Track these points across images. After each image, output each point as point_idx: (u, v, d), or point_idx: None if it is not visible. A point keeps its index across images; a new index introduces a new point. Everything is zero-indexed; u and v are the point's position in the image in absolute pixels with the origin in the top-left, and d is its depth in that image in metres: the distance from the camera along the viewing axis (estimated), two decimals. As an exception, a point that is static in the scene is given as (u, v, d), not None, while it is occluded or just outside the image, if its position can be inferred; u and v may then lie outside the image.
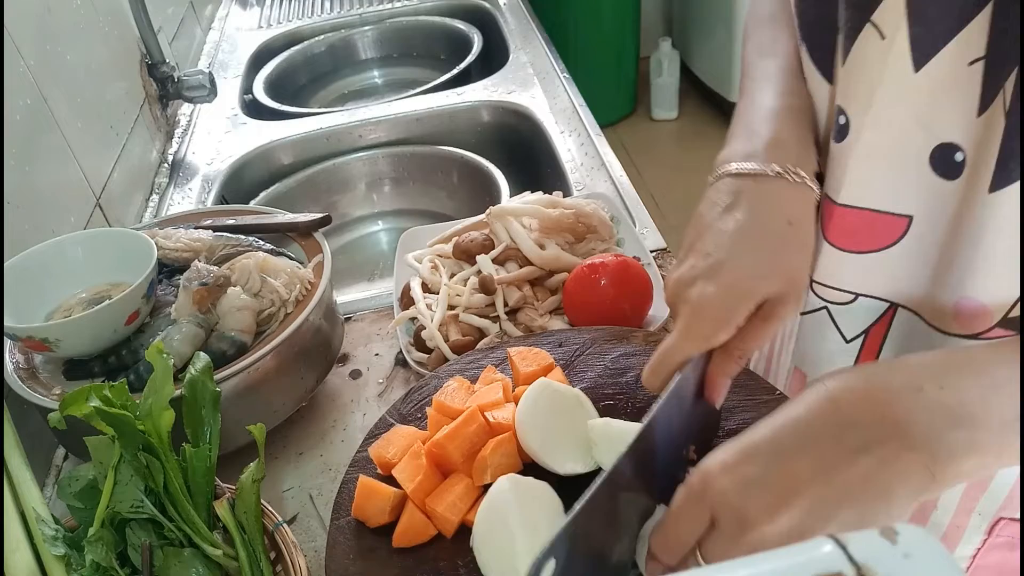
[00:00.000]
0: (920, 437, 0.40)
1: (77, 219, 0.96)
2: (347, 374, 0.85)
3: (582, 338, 0.72)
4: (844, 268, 0.60)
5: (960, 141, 0.50)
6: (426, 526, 0.57)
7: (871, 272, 0.59)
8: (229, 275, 0.76)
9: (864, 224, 0.57)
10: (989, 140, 0.48)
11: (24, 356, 0.74)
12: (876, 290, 0.60)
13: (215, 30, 1.83)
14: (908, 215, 0.55)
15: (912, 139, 0.52)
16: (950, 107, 0.49)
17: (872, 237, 0.57)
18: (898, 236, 0.56)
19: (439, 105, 1.36)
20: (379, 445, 0.62)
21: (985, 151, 0.48)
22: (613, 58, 3.13)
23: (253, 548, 0.58)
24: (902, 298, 0.59)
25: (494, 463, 0.58)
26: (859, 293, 0.61)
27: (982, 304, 0.53)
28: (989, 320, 0.54)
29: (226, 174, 1.27)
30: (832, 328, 0.64)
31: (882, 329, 0.62)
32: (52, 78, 0.97)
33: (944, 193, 0.52)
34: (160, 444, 0.58)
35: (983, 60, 0.46)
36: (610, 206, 0.94)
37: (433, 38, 1.73)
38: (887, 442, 0.41)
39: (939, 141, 0.51)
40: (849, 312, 0.62)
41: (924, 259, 0.56)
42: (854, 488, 0.40)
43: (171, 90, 1.35)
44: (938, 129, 0.50)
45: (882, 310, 0.61)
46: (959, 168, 0.50)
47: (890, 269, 0.58)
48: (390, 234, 1.34)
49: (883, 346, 0.63)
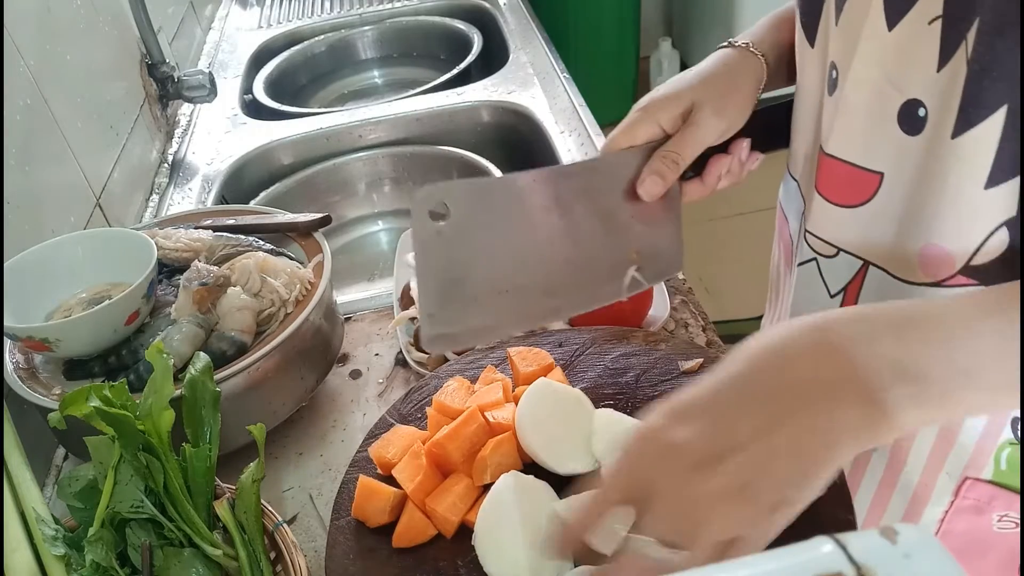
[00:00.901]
0: (868, 391, 0.40)
1: (77, 219, 0.96)
2: (347, 374, 0.85)
3: (582, 338, 0.72)
4: (829, 220, 0.63)
5: (922, 96, 0.52)
6: (426, 526, 0.57)
7: (849, 227, 0.62)
8: (229, 275, 0.76)
9: (846, 177, 0.60)
10: (950, 91, 0.50)
11: (24, 356, 0.74)
12: (852, 246, 0.63)
13: (215, 30, 1.83)
14: (880, 172, 0.58)
15: (883, 96, 0.54)
16: (914, 64, 0.52)
17: (852, 191, 0.60)
18: (871, 193, 0.59)
19: (439, 105, 1.36)
20: (379, 445, 0.62)
21: (946, 102, 0.51)
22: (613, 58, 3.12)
23: (253, 548, 0.58)
24: (872, 255, 0.61)
25: (494, 463, 0.58)
26: (840, 248, 0.64)
27: (945, 251, 0.55)
28: (952, 267, 0.56)
29: (226, 174, 1.27)
30: (819, 281, 0.67)
31: (856, 286, 0.64)
32: (52, 78, 0.97)
33: (909, 149, 0.54)
34: (160, 444, 0.58)
35: (940, 19, 0.49)
36: (610, 206, 0.93)
37: (433, 38, 1.73)
38: (834, 397, 0.40)
39: (905, 98, 0.53)
40: (832, 266, 0.65)
41: (893, 215, 0.58)
42: (801, 444, 0.40)
43: (171, 90, 1.35)
44: (905, 86, 0.53)
45: (857, 267, 0.63)
46: (922, 123, 0.53)
47: (863, 226, 0.60)
48: (390, 234, 1.34)
49: (857, 303, 0.64)
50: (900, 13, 0.51)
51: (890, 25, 0.52)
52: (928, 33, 0.50)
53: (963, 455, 0.63)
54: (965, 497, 0.65)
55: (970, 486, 0.64)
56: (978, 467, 0.63)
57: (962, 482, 0.64)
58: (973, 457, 0.63)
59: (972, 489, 0.64)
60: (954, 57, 0.49)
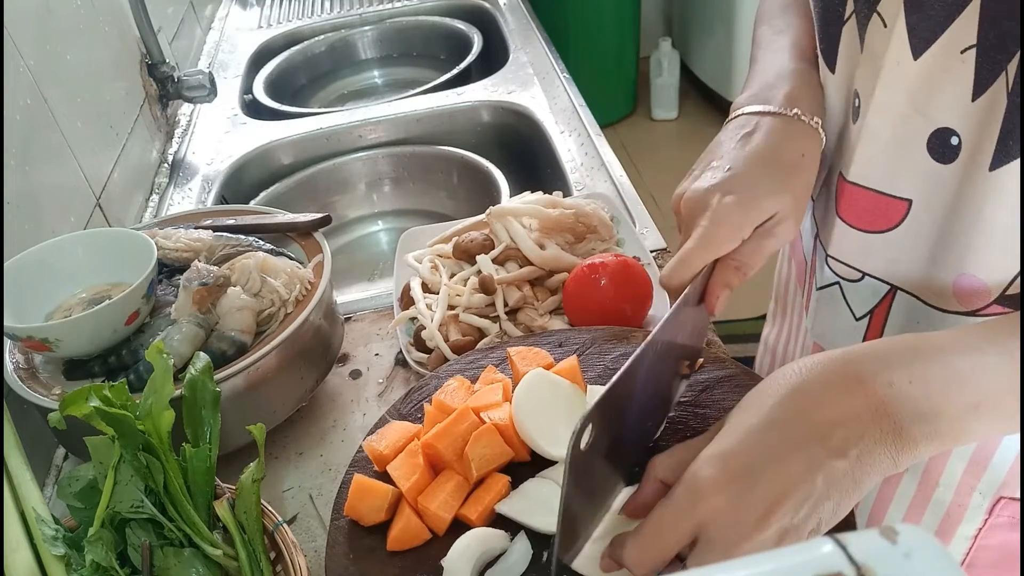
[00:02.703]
0: (890, 432, 0.43)
1: (77, 219, 0.96)
2: (347, 374, 0.85)
3: (582, 338, 0.72)
4: (853, 245, 0.62)
5: (955, 125, 0.51)
6: (420, 530, 0.57)
7: (875, 252, 0.61)
8: (229, 275, 0.76)
9: (870, 204, 0.59)
10: (988, 122, 0.49)
11: (24, 356, 0.74)
12: (878, 271, 0.62)
13: (215, 30, 1.83)
14: (908, 199, 0.57)
15: (911, 125, 0.54)
16: (945, 93, 0.51)
17: (876, 218, 0.59)
18: (899, 219, 0.58)
19: (439, 105, 1.36)
20: (372, 439, 0.62)
21: (983, 133, 0.50)
22: (613, 58, 3.13)
23: (253, 548, 0.58)
24: (901, 281, 0.61)
25: (476, 456, 0.58)
26: (865, 272, 0.63)
27: (981, 281, 0.55)
28: (987, 297, 0.55)
29: (226, 174, 1.27)
30: (843, 305, 0.66)
31: (883, 310, 0.63)
32: (52, 78, 0.97)
33: (941, 177, 0.54)
34: (160, 444, 0.58)
35: (975, 48, 0.48)
36: (610, 206, 0.94)
37: (433, 38, 1.73)
38: (864, 438, 0.43)
39: (936, 126, 0.52)
40: (857, 290, 0.64)
41: (923, 242, 0.58)
42: (836, 483, 0.43)
43: (171, 90, 1.35)
44: (935, 115, 0.52)
45: (884, 291, 0.63)
46: (955, 151, 0.52)
47: (891, 252, 0.60)
48: (390, 234, 1.34)
49: (885, 327, 0.64)
50: (927, 42, 0.50)
51: (916, 54, 0.51)
52: (960, 62, 0.49)
53: (996, 476, 0.63)
54: (999, 515, 0.65)
55: (1004, 505, 0.64)
56: (1013, 487, 0.63)
57: (996, 501, 0.64)
58: (1008, 477, 0.63)
59: (1006, 508, 0.64)
60: (992, 87, 0.48)
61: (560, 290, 0.83)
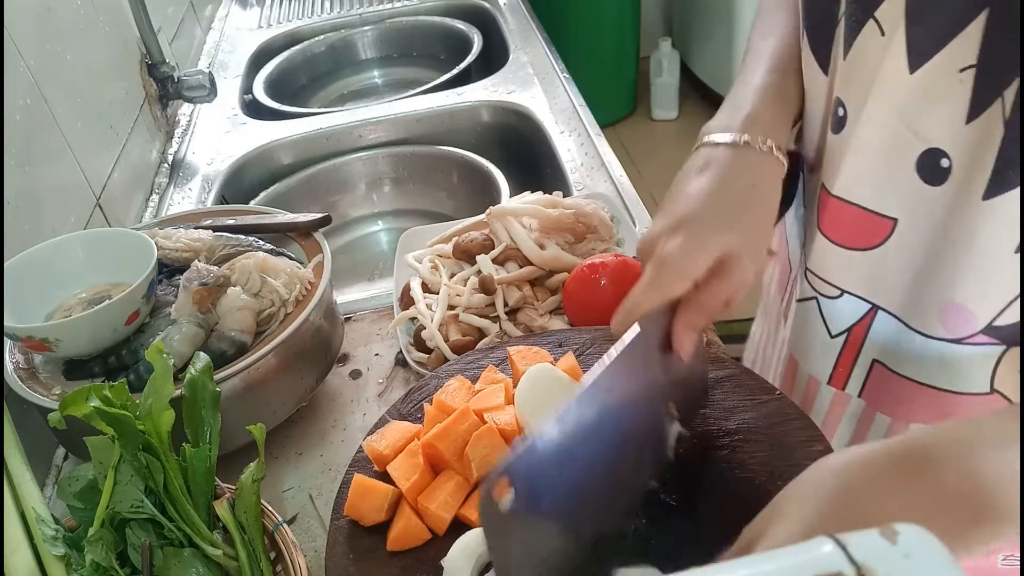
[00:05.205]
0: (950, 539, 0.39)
1: (77, 219, 0.96)
2: (347, 374, 0.85)
3: (582, 338, 0.72)
4: (833, 262, 0.61)
5: (946, 147, 0.50)
6: (421, 530, 0.57)
7: (856, 270, 0.60)
8: (229, 275, 0.76)
9: (854, 220, 0.58)
10: (982, 147, 0.48)
11: (24, 356, 0.74)
12: (859, 289, 0.61)
13: (215, 30, 1.83)
14: (893, 218, 0.56)
15: (901, 141, 0.52)
16: (939, 113, 0.49)
17: (860, 235, 0.58)
18: (883, 238, 0.57)
19: (439, 105, 1.36)
20: (372, 439, 0.62)
21: (975, 158, 0.49)
22: (613, 58, 3.13)
23: (253, 548, 0.58)
24: (884, 301, 0.60)
25: (477, 456, 0.58)
26: (844, 290, 0.62)
27: (969, 310, 0.54)
28: (975, 326, 0.54)
29: (226, 174, 1.27)
30: (819, 320, 0.65)
31: (862, 330, 0.63)
32: (52, 78, 0.97)
33: (929, 199, 0.53)
34: (160, 444, 0.58)
35: (974, 68, 0.46)
36: (610, 206, 0.94)
37: (433, 38, 1.73)
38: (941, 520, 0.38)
39: (926, 146, 0.51)
40: (835, 307, 0.63)
41: (907, 264, 0.56)
42: None
43: (171, 90, 1.35)
44: (926, 133, 0.51)
45: (864, 311, 0.62)
46: (945, 174, 0.51)
47: (873, 271, 0.59)
48: (390, 234, 1.34)
49: (863, 347, 0.63)
50: (924, 57, 0.48)
51: (912, 68, 0.49)
52: (957, 82, 0.47)
53: None
54: None
55: None
56: None
57: None
58: None
59: None
60: (987, 112, 0.47)
61: (560, 290, 0.83)
